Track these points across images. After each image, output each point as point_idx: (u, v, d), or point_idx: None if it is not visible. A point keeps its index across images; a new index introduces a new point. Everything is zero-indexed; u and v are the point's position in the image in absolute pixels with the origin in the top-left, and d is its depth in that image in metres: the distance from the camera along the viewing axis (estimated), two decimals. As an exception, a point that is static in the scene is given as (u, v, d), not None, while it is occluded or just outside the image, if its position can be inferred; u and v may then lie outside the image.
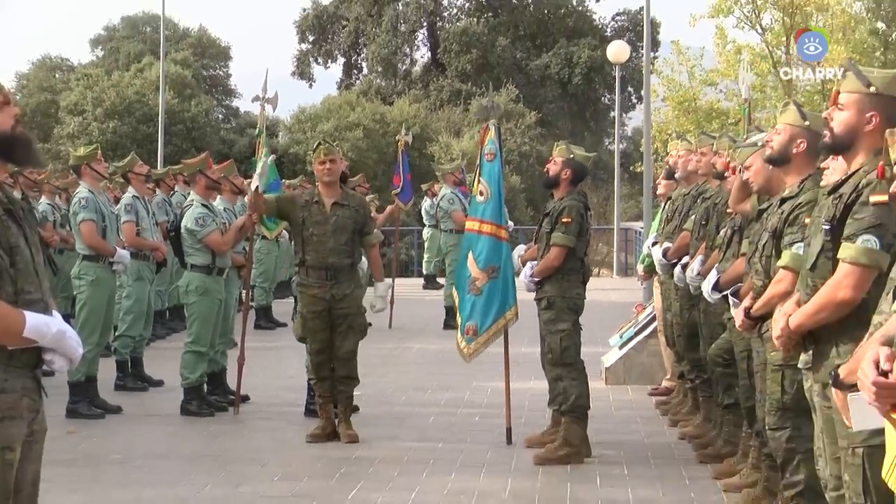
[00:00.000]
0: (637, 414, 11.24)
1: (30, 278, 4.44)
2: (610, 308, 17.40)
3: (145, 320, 12.80)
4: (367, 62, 56.17)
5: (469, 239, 9.84)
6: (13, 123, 4.49)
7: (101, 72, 48.46)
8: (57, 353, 4.45)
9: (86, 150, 12.23)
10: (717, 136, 10.58)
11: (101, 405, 11.12)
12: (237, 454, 9.48)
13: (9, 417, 4.35)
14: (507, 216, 9.80)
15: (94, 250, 11.27)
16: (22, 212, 4.55)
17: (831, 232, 5.17)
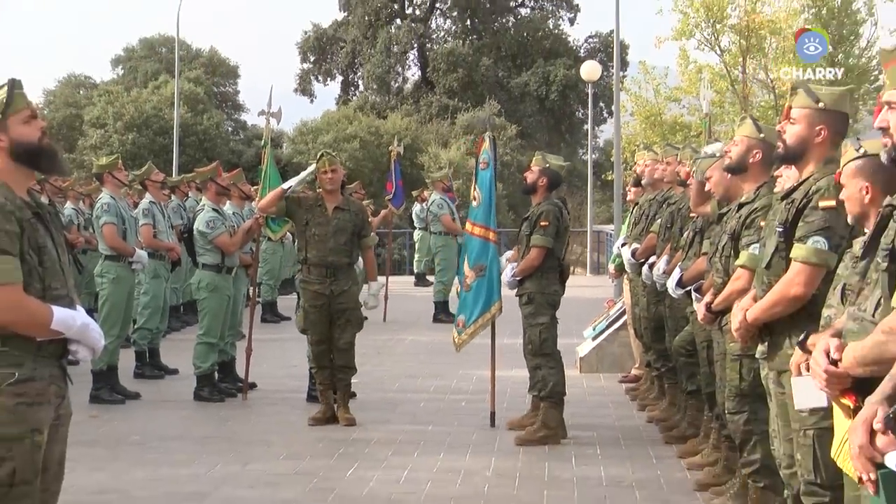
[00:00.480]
0: (609, 399, 11.23)
1: (56, 276, 4.43)
2: (584, 303, 17.40)
3: (161, 314, 12.78)
4: (363, 80, 56.12)
5: (466, 240, 9.89)
6: (40, 135, 4.47)
7: (121, 88, 48.39)
8: (81, 344, 4.44)
9: (107, 160, 12.20)
10: (680, 147, 10.60)
11: (121, 391, 11.10)
12: (245, 436, 9.47)
13: (38, 403, 4.34)
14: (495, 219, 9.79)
15: (115, 251, 11.26)
16: (49, 215, 4.53)
17: (784, 234, 5.18)
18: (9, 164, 4.40)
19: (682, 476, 7.98)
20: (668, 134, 30.72)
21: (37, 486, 4.38)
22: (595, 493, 7.55)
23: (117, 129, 44.73)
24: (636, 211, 10.88)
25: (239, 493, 7.52)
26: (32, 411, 4.32)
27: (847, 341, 3.64)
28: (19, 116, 4.41)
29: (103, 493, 7.44)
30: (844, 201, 4.35)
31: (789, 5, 30.07)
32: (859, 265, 3.82)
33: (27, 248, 4.30)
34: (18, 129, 4.40)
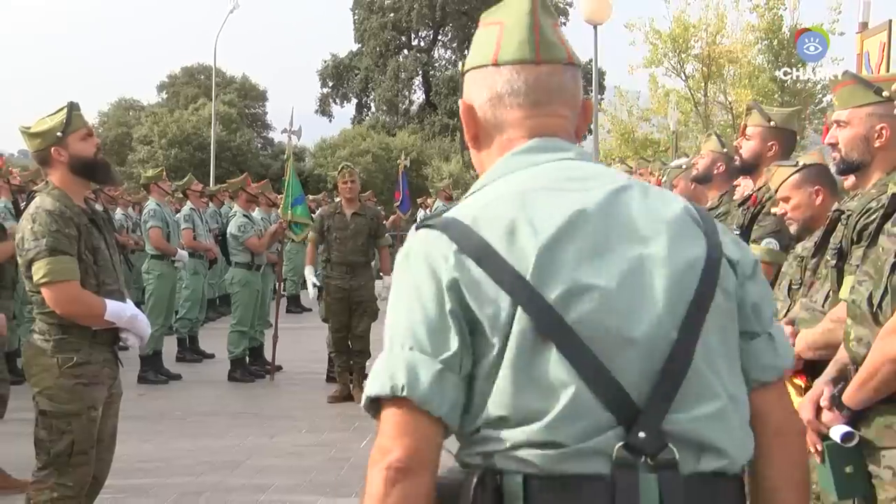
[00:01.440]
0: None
1: (109, 273, 4.43)
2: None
3: (200, 306, 12.77)
4: (375, 102, 56.16)
5: None
6: (95, 151, 4.50)
7: (166, 110, 48.41)
8: (131, 332, 4.46)
9: (153, 172, 12.23)
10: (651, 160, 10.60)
11: (164, 373, 11.09)
12: (272, 412, 9.45)
13: (93, 383, 4.36)
14: None
15: (160, 251, 11.27)
16: (102, 220, 4.56)
17: (741, 236, 5.18)
18: (68, 176, 4.42)
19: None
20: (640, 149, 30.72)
21: (93, 455, 4.39)
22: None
23: (162, 145, 44.76)
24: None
25: (267, 462, 7.51)
26: (89, 390, 4.33)
27: (800, 328, 3.64)
28: (77, 135, 4.42)
29: (149, 462, 7.43)
30: (788, 212, 4.34)
31: (745, 37, 30.08)
32: (811, 262, 3.82)
33: (83, 249, 4.32)
34: (77, 145, 4.42)
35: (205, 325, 14.03)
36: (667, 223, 1.75)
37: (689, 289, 1.71)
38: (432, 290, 1.68)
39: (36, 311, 4.38)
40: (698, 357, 1.69)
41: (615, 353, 1.65)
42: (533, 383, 1.64)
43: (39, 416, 4.34)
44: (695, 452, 1.66)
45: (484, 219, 1.71)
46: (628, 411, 1.64)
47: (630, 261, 1.70)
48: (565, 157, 1.84)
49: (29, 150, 4.51)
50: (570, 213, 1.70)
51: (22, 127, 4.46)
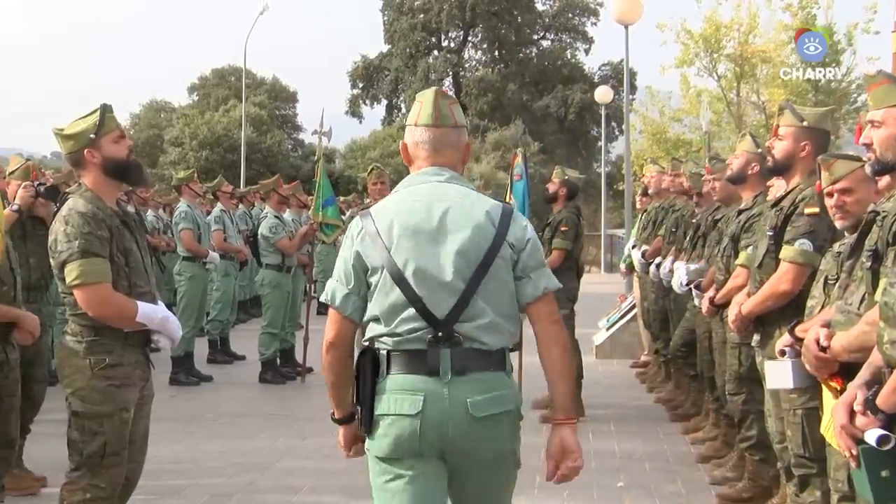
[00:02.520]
0: (621, 382, 11.19)
1: (140, 275, 4.45)
2: (598, 298, 17.34)
3: (231, 307, 12.83)
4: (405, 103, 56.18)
5: None
6: (128, 153, 4.51)
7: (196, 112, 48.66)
8: (162, 334, 4.47)
9: (185, 174, 12.29)
10: (684, 161, 10.54)
11: (196, 374, 11.14)
12: (303, 413, 9.47)
13: (125, 385, 4.37)
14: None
15: (192, 253, 11.32)
16: (134, 222, 4.57)
17: (774, 237, 5.15)
18: (101, 177, 4.44)
19: (686, 450, 7.93)
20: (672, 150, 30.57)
21: (125, 456, 4.41)
22: (610, 465, 7.51)
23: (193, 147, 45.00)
24: (644, 217, 10.82)
25: (297, 464, 7.53)
26: (121, 392, 4.35)
27: (835, 331, 3.61)
28: (110, 137, 4.44)
29: (180, 463, 7.47)
30: (847, 204, 4.26)
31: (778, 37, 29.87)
32: (846, 263, 3.79)
33: (115, 251, 4.34)
34: (109, 147, 4.43)
35: (236, 327, 14.09)
36: (474, 222, 3.25)
37: (477, 259, 3.21)
38: (349, 251, 3.29)
39: (69, 312, 4.40)
40: (479, 296, 3.19)
41: (429, 293, 3.17)
42: (388, 304, 3.20)
43: (72, 417, 4.37)
44: (470, 341, 3.19)
45: (380, 214, 3.30)
46: (435, 321, 3.17)
47: (446, 244, 3.21)
48: (439, 180, 3.37)
49: (62, 152, 4.52)
50: (419, 216, 3.25)
51: (55, 129, 4.48)
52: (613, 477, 7.17)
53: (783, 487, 5.48)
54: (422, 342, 3.18)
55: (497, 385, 3.26)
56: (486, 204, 3.33)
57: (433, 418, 3.17)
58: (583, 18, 56.76)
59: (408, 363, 3.20)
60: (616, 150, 51.00)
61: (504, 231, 3.27)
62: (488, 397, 3.22)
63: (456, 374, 3.18)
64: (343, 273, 3.29)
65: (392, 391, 3.22)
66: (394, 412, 3.21)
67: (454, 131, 3.45)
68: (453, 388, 3.18)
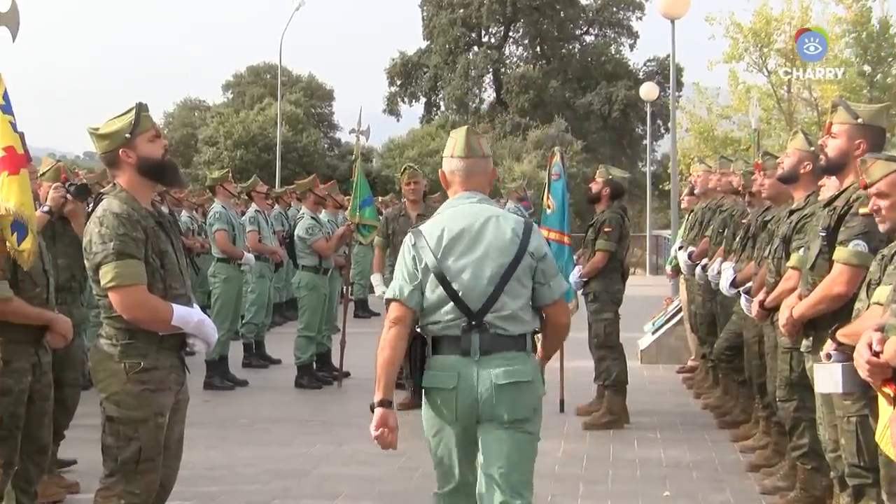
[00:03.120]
0: (667, 388, 11.14)
1: (176, 277, 4.48)
2: (644, 301, 17.25)
3: (266, 310, 12.89)
4: (444, 101, 56.22)
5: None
6: (163, 152, 4.54)
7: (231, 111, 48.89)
8: (198, 337, 4.50)
9: (219, 174, 12.35)
10: (734, 160, 10.49)
11: (231, 379, 11.20)
12: (340, 419, 9.51)
13: (160, 389, 4.40)
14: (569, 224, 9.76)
15: (226, 254, 11.38)
16: (169, 223, 4.60)
17: (827, 238, 5.12)
18: (136, 177, 4.48)
19: (735, 458, 7.88)
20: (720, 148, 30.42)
21: (160, 462, 4.45)
22: (655, 473, 7.49)
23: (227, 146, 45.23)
24: (691, 217, 10.77)
25: (334, 471, 7.56)
26: (156, 397, 4.38)
27: (889, 335, 3.58)
28: (145, 136, 4.47)
29: (215, 469, 7.52)
30: (883, 209, 4.26)
31: (831, 30, 29.62)
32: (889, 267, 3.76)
33: (151, 252, 4.37)
34: (145, 147, 4.47)
35: (271, 330, 14.16)
36: (502, 236, 4.25)
37: (505, 265, 4.20)
38: (408, 256, 4.31)
39: (103, 315, 4.44)
40: (504, 294, 4.18)
41: (466, 291, 4.18)
42: (434, 298, 4.23)
43: (106, 422, 4.40)
44: (495, 328, 4.17)
45: (429, 229, 4.33)
46: (470, 313, 4.17)
47: (479, 252, 4.22)
48: (472, 202, 4.37)
49: (96, 152, 4.56)
50: (458, 231, 4.27)
51: (90, 128, 4.52)
52: (659, 486, 7.14)
53: (836, 498, 5.43)
54: (458, 329, 4.23)
55: (516, 361, 4.26)
56: (512, 220, 4.36)
57: (465, 390, 4.24)
58: (627, 13, 56.49)
59: (447, 346, 4.26)
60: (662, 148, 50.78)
61: (526, 242, 4.29)
62: (509, 370, 4.23)
63: (483, 353, 4.21)
64: (406, 273, 4.33)
65: (435, 369, 4.31)
66: (437, 386, 4.32)
67: (482, 161, 4.47)
68: (481, 365, 4.22)
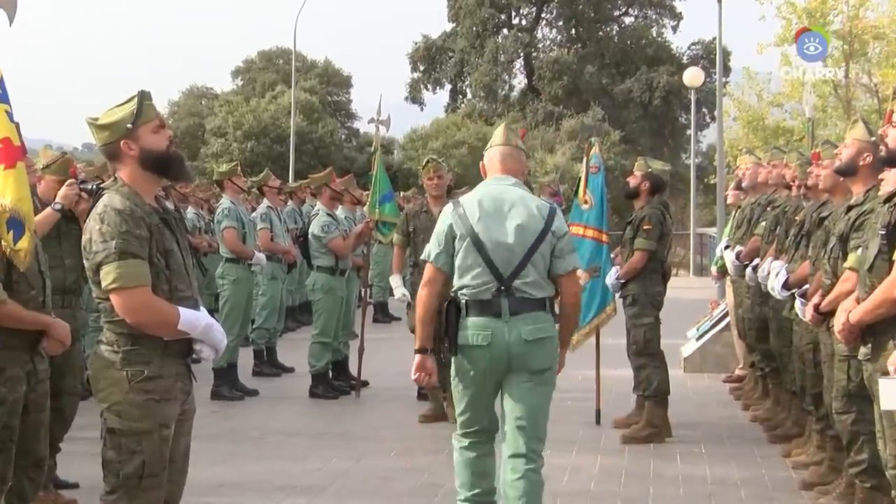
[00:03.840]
0: (713, 399, 11.11)
1: (182, 278, 4.49)
2: (687, 304, 17.22)
3: (278, 314, 12.92)
4: (471, 88, 56.24)
5: (575, 243, 9.78)
6: (168, 144, 4.55)
7: (241, 99, 49.04)
8: (205, 343, 4.50)
9: (228, 167, 12.38)
10: (787, 151, 10.44)
11: (240, 388, 11.23)
12: (358, 432, 9.53)
13: (165, 399, 4.41)
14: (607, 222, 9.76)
15: (236, 254, 11.41)
16: (174, 220, 4.60)
17: (887, 237, 5.09)
18: (138, 171, 4.48)
19: (787, 475, 7.85)
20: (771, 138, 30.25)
21: (164, 477, 4.46)
22: (700, 491, 7.47)
23: (237, 137, 45.39)
24: (739, 214, 10.73)
25: (352, 487, 7.58)
26: (160, 407, 4.40)
27: None
28: (149, 126, 4.49)
29: (224, 486, 7.54)
30: None
31: (893, 11, 29.40)
32: None
33: (155, 251, 4.38)
34: (148, 138, 4.48)
35: (283, 336, 14.19)
36: (530, 214, 5.54)
37: (531, 239, 5.49)
38: (444, 224, 5.63)
39: (104, 319, 4.45)
40: (530, 264, 5.47)
41: (498, 258, 5.45)
42: (468, 262, 5.51)
43: (107, 434, 4.41)
44: (521, 292, 5.46)
45: (466, 200, 5.63)
46: (500, 278, 5.44)
47: (511, 226, 5.49)
48: (508, 184, 5.67)
49: (96, 144, 4.57)
50: (493, 205, 5.56)
51: (89, 118, 4.53)
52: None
53: (898, 518, 5.41)
54: (488, 294, 5.50)
55: (540, 320, 5.60)
56: (538, 202, 5.73)
57: (498, 346, 5.51)
58: (670, -8, 56.40)
59: (479, 309, 5.52)
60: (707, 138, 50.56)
61: (550, 222, 5.62)
62: (535, 327, 5.55)
63: (512, 314, 5.51)
64: (438, 239, 5.65)
65: (470, 328, 5.53)
66: (472, 343, 5.53)
67: (517, 150, 5.90)
68: (511, 324, 5.51)
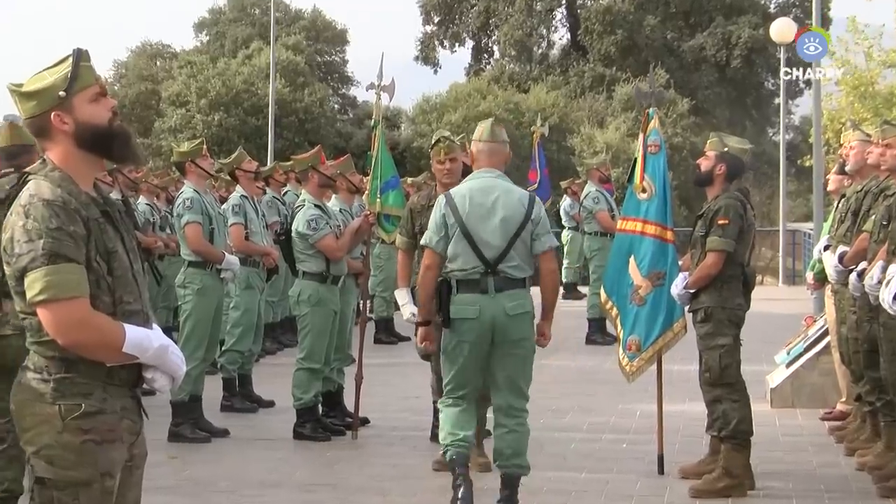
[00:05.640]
0: (807, 441, 11.08)
1: (128, 287, 4.47)
2: (775, 320, 17.19)
3: (254, 334, 12.93)
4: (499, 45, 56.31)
5: (628, 241, 9.70)
6: (111, 116, 4.51)
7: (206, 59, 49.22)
8: (159, 370, 4.49)
9: (189, 146, 12.33)
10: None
11: (206, 428, 11.24)
12: (356, 483, 9.53)
13: (108, 441, 4.39)
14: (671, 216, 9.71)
15: (201, 256, 11.38)
16: (120, 214, 4.57)
17: None
18: (73, 151, 4.46)
19: (903, 539, 7.83)
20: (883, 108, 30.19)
21: (107, 542, 4.46)
22: (791, 559, 7.46)
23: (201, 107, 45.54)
24: (842, 205, 10.70)
25: (348, 553, 7.58)
26: (102, 451, 4.39)
27: None
28: (86, 94, 4.46)
29: (185, 551, 7.56)
30: None
31: None
32: None
33: (94, 253, 4.36)
34: (85, 108, 4.45)
35: (261, 361, 14.21)
36: (513, 206, 8.40)
37: (514, 228, 8.35)
38: (439, 213, 8.49)
39: (30, 339, 4.43)
40: (513, 250, 8.35)
41: (485, 246, 8.32)
42: (459, 249, 8.36)
43: (36, 486, 4.40)
44: (505, 273, 8.34)
45: (456, 193, 8.55)
46: (487, 263, 8.33)
47: (496, 219, 8.34)
48: (492, 177, 8.54)
49: (21, 116, 4.57)
50: (480, 199, 8.40)
51: (11, 85, 4.52)
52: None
53: None
54: (477, 274, 8.14)
55: (520, 297, 8.24)
56: (520, 193, 8.39)
57: (486, 318, 8.09)
58: (754, -78, 56.38)
59: (469, 287, 8.16)
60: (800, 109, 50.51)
61: (530, 212, 8.25)
62: (516, 303, 8.17)
63: (497, 291, 8.12)
64: (436, 226, 8.22)
65: (460, 304, 8.13)
66: (462, 316, 8.11)
67: (501, 146, 8.56)
68: (496, 300, 8.11)
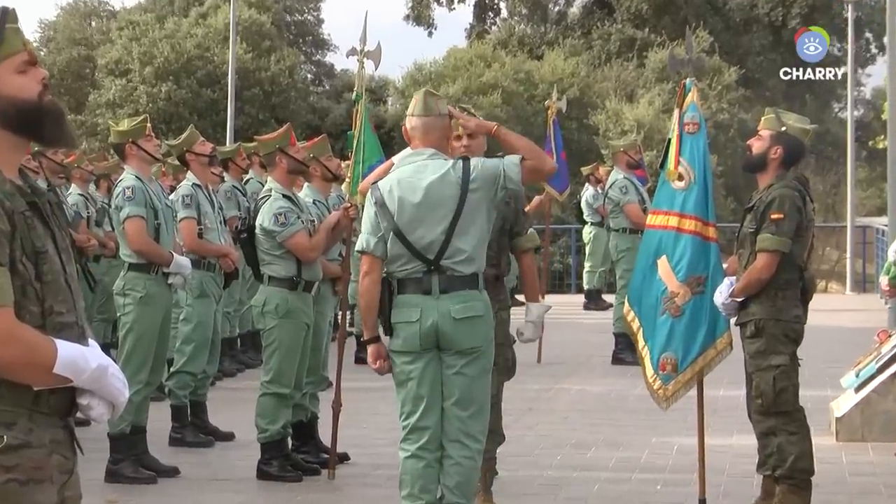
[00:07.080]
0: (880, 481, 11.11)
1: (60, 294, 4.47)
2: (842, 335, 17.22)
3: (210, 352, 12.93)
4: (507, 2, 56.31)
5: (661, 239, 9.54)
6: (41, 90, 4.51)
7: (152, 18, 49.15)
8: (96, 395, 4.48)
9: (131, 124, 12.30)
10: None
11: (151, 465, 11.24)
12: (333, 532, 9.56)
13: (34, 480, 4.39)
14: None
15: (144, 257, 11.38)
16: (51, 207, 4.56)
17: None
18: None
19: None
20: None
21: None
22: None
23: (145, 77, 45.51)
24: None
25: None
26: (27, 493, 4.40)
27: None
28: (12, 63, 4.44)
29: None
30: None
31: None
32: None
33: (20, 254, 4.35)
34: (10, 80, 4.43)
35: (217, 385, 14.22)
36: (446, 188, 8.31)
37: (451, 213, 8.31)
38: (371, 211, 8.53)
39: (-58, 357, 4.47)
40: (455, 239, 8.30)
41: (421, 245, 8.33)
42: (395, 251, 8.40)
43: (-52, 535, 4.45)
44: (451, 270, 8.30)
45: (383, 187, 8.54)
46: (426, 261, 8.33)
47: (429, 208, 8.34)
48: (423, 159, 8.50)
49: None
50: (408, 190, 8.40)
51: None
52: None
53: None
54: (419, 273, 8.18)
55: (470, 298, 8.13)
56: (452, 167, 8.29)
57: (427, 322, 8.05)
58: None
59: (411, 287, 8.20)
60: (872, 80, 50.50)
61: (467, 178, 8.15)
62: (465, 306, 8.07)
63: (442, 292, 8.10)
64: (371, 227, 8.27)
65: (401, 306, 8.17)
66: (403, 320, 8.14)
67: (438, 119, 8.44)
68: (440, 302, 8.08)
